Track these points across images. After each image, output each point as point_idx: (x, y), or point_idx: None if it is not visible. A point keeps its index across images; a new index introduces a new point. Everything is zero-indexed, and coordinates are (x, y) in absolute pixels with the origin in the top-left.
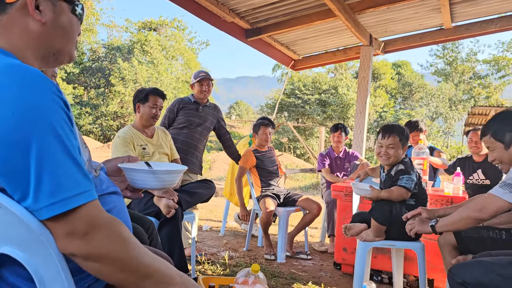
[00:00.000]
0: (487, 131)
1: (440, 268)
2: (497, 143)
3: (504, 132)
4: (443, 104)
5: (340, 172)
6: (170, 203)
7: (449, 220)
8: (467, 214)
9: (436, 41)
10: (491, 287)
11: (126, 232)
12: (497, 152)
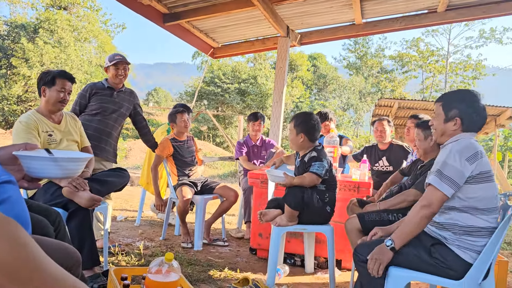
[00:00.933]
0: (441, 100)
1: (347, 249)
2: (442, 113)
3: (452, 107)
4: (354, 96)
5: (257, 160)
6: (95, 196)
7: (405, 231)
8: (419, 216)
9: (348, 36)
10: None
11: (24, 236)
12: (437, 121)
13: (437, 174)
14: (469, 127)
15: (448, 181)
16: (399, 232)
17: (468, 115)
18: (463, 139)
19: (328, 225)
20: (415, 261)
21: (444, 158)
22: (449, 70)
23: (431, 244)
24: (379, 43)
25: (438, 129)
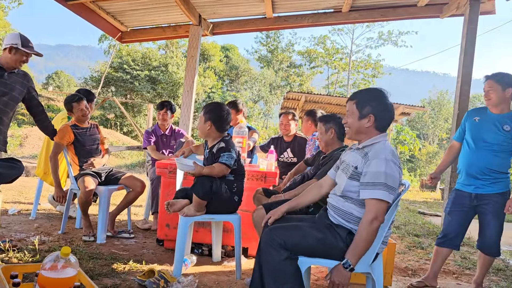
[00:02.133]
0: (354, 98)
1: (253, 237)
2: (356, 111)
3: (365, 105)
4: (265, 88)
5: (166, 150)
6: None
7: (359, 249)
8: (371, 230)
9: (259, 29)
10: (304, 247)
11: None
12: (351, 118)
13: (385, 188)
14: (380, 123)
15: (393, 191)
16: (354, 251)
17: (380, 112)
18: (384, 141)
19: (236, 214)
20: (319, 247)
21: (384, 169)
22: (351, 67)
23: (329, 228)
24: (289, 38)
25: (353, 126)
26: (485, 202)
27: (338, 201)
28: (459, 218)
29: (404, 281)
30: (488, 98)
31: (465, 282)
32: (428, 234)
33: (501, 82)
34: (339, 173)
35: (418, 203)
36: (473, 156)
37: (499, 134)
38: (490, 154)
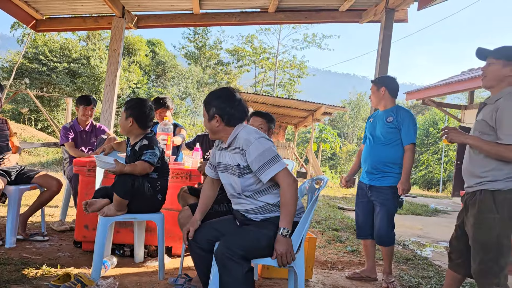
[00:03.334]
0: (204, 101)
1: (178, 236)
2: (205, 113)
3: (210, 107)
4: (192, 85)
5: (86, 147)
6: None
7: (288, 213)
8: (292, 192)
9: (186, 24)
10: (260, 250)
11: None
12: (205, 121)
13: (276, 160)
14: (230, 121)
15: (279, 156)
16: (285, 217)
17: (224, 110)
18: (243, 127)
19: (159, 213)
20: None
21: (263, 147)
22: (278, 67)
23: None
24: (217, 35)
25: (207, 128)
26: (376, 194)
27: (246, 203)
28: (363, 209)
29: (324, 273)
30: (371, 100)
31: (380, 272)
32: (346, 228)
33: (376, 84)
34: (223, 175)
35: (338, 198)
36: (368, 151)
37: (385, 126)
38: (381, 147)
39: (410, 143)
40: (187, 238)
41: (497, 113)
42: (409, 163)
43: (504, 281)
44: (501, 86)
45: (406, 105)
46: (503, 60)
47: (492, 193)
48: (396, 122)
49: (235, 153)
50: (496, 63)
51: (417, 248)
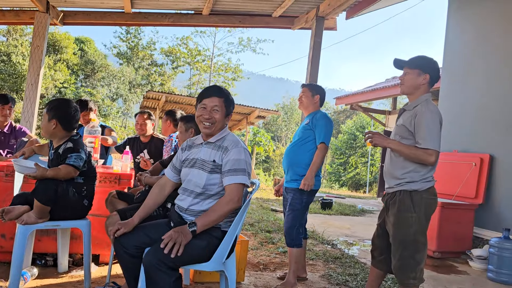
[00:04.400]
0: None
1: (106, 243)
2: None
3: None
4: (124, 86)
5: (4, 150)
6: None
7: (210, 220)
8: (228, 209)
9: (117, 23)
10: (192, 260)
11: None
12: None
13: (245, 174)
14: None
15: (249, 176)
16: (203, 220)
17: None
18: (229, 134)
19: (85, 219)
20: (204, 254)
21: (244, 157)
22: (213, 70)
23: None
24: (151, 35)
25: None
26: (289, 194)
27: (194, 202)
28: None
29: (256, 275)
30: (301, 102)
31: (310, 272)
32: (279, 229)
33: (312, 90)
34: (189, 170)
35: (272, 201)
36: (286, 153)
37: (302, 129)
38: (296, 148)
39: (321, 143)
40: (114, 240)
41: (416, 119)
42: (317, 161)
43: (420, 274)
44: (418, 93)
45: (335, 109)
46: (418, 69)
47: (410, 193)
48: (311, 123)
49: (216, 150)
50: (411, 72)
51: (345, 247)
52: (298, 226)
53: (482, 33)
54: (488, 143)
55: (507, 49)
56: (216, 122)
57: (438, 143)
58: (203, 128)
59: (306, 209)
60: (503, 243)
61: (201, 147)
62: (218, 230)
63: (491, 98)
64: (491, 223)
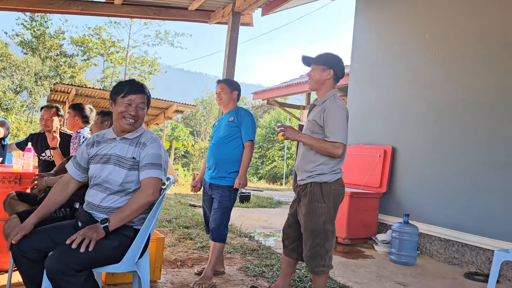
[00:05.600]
0: None
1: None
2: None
3: None
4: (29, 77)
5: None
6: None
7: (123, 216)
8: (141, 205)
9: (18, 8)
10: (102, 261)
11: None
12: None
13: (162, 169)
14: None
15: (165, 172)
16: (118, 217)
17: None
18: (146, 130)
19: None
20: (115, 255)
21: (161, 153)
22: (128, 63)
23: None
24: (59, 24)
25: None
26: (215, 191)
27: (108, 199)
28: (209, 205)
29: (173, 272)
30: (220, 98)
31: (227, 265)
32: (197, 225)
33: (230, 86)
34: (102, 166)
35: (190, 196)
36: (211, 150)
37: (227, 126)
38: (223, 146)
39: (248, 140)
40: (10, 245)
41: (324, 114)
42: (247, 159)
43: (330, 261)
44: (324, 88)
45: (253, 104)
46: (322, 65)
47: (320, 185)
48: (237, 121)
49: (133, 147)
50: (317, 68)
51: (262, 238)
52: (226, 222)
53: (385, 34)
54: (391, 136)
55: (407, 50)
56: (139, 119)
57: (345, 136)
58: (126, 124)
59: (233, 205)
60: (403, 227)
61: (115, 142)
62: (131, 229)
63: (393, 95)
64: (394, 209)
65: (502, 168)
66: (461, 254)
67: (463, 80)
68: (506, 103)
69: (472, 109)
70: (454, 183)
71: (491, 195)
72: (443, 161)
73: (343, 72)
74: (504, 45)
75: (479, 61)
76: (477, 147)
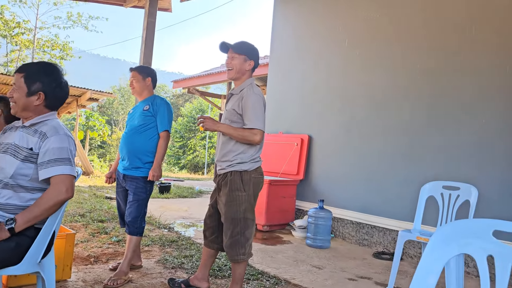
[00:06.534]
0: (23, 71)
1: None
2: (24, 86)
3: (35, 81)
4: None
5: None
6: None
7: (32, 215)
8: (56, 202)
9: None
10: None
11: None
12: (18, 93)
13: (70, 163)
14: (51, 102)
15: (74, 165)
16: (26, 216)
17: (52, 90)
18: (55, 119)
19: None
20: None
21: (67, 145)
22: (36, 46)
23: None
24: None
25: (20, 102)
26: (129, 183)
27: (3, 198)
28: (123, 197)
29: (85, 269)
30: (133, 87)
31: (145, 258)
32: (113, 218)
33: (142, 73)
34: (5, 157)
35: (106, 188)
36: (124, 140)
37: (142, 115)
38: (137, 136)
39: (164, 130)
40: None
41: (242, 101)
42: (162, 150)
43: (249, 249)
44: (243, 78)
45: (174, 93)
46: (244, 55)
47: (240, 173)
48: (152, 110)
49: (32, 136)
50: (239, 58)
51: (182, 229)
52: (143, 214)
53: (300, 26)
54: (307, 125)
55: (322, 42)
56: (17, 102)
57: (263, 123)
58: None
59: (149, 197)
60: (318, 212)
61: (17, 130)
62: (31, 228)
63: (309, 85)
64: (310, 196)
65: (401, 156)
66: (370, 235)
67: (369, 72)
68: (405, 95)
69: (375, 101)
70: (361, 169)
71: (394, 180)
72: (352, 148)
73: (258, 62)
74: (406, 36)
75: (386, 54)
76: (379, 136)
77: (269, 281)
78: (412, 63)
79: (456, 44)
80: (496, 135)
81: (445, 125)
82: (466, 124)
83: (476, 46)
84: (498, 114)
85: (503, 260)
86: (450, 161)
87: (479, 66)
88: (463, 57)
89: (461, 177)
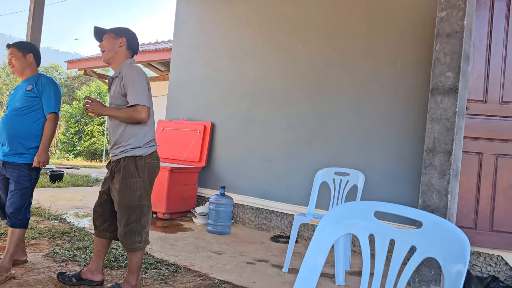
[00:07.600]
0: None
1: None
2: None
3: None
4: None
5: None
6: None
7: None
8: None
9: None
10: None
11: None
12: None
13: None
14: None
15: None
16: None
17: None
18: None
19: None
20: None
21: None
22: None
23: None
24: None
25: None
26: (10, 170)
27: None
28: (4, 187)
29: None
30: (12, 66)
31: (31, 253)
32: None
33: (21, 49)
34: None
35: None
36: (4, 124)
37: (24, 96)
38: (19, 118)
39: (51, 112)
40: None
41: (123, 80)
42: (49, 134)
43: (146, 237)
44: (119, 58)
45: (69, 75)
46: (113, 34)
47: (134, 159)
48: (37, 90)
49: None
50: (108, 37)
51: (75, 219)
52: (27, 205)
53: (203, 13)
54: (210, 112)
55: (223, 30)
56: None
57: (146, 99)
58: None
59: (35, 185)
60: (219, 199)
61: None
62: None
63: (211, 72)
64: (212, 183)
65: (297, 145)
66: (269, 220)
67: (270, 63)
68: (303, 88)
69: (275, 92)
70: (261, 158)
71: (292, 168)
72: (253, 137)
73: (136, 43)
74: (306, 30)
75: (287, 47)
76: (279, 126)
77: (168, 269)
78: (313, 58)
79: (348, 44)
80: (378, 127)
81: (340, 116)
82: (355, 116)
83: (366, 46)
84: (379, 109)
85: (382, 238)
86: (342, 150)
87: (367, 64)
88: (355, 55)
89: (352, 164)
